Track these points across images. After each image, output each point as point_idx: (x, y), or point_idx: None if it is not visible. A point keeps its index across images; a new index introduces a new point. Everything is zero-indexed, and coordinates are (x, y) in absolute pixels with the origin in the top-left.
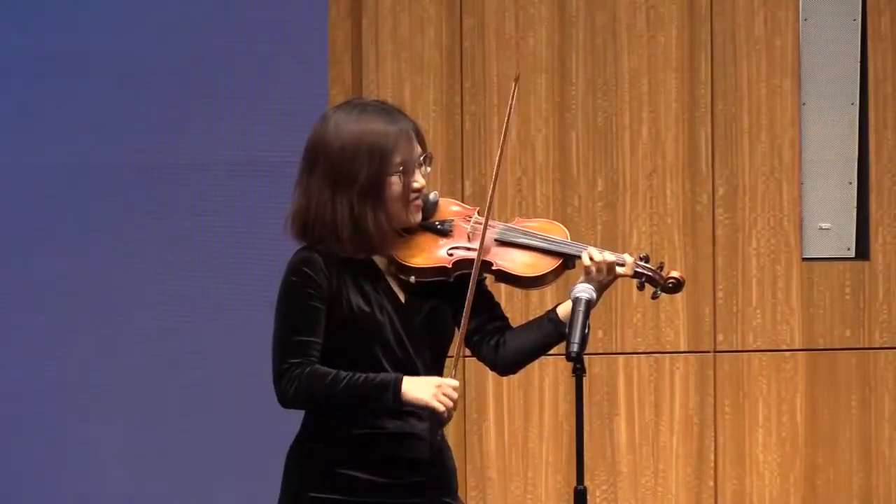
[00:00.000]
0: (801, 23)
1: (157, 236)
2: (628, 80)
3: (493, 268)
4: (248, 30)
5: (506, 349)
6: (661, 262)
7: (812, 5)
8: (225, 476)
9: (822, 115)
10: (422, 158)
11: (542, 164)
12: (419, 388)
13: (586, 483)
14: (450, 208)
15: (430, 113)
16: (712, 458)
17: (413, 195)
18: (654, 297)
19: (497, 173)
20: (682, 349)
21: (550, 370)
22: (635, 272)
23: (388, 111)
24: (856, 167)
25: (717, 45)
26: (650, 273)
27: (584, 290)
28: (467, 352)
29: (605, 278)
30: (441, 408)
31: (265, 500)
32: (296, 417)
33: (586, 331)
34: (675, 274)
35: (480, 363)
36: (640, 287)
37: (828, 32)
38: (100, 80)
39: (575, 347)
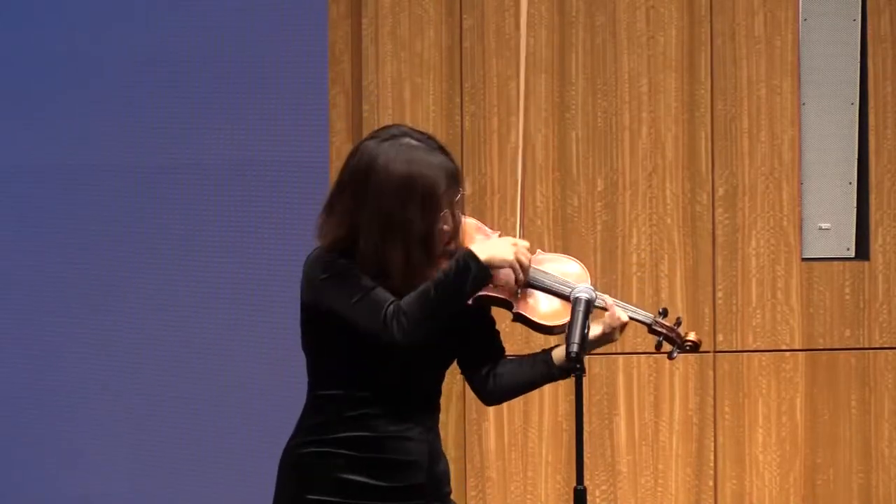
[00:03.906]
0: (801, 23)
1: (157, 236)
2: (628, 80)
3: (514, 310)
4: (248, 29)
5: (497, 382)
6: (679, 318)
7: (812, 5)
8: (225, 477)
9: (822, 115)
10: (460, 198)
11: (542, 164)
12: (498, 248)
13: (586, 483)
14: (471, 230)
15: (430, 113)
16: (712, 458)
17: (450, 236)
18: (671, 357)
19: (522, 214)
20: None
21: None
22: (654, 330)
23: (434, 149)
24: (856, 167)
25: (717, 45)
26: (667, 332)
27: (584, 291)
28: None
29: (615, 335)
30: (525, 260)
31: (263, 502)
32: (294, 417)
33: (586, 331)
34: (692, 337)
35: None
36: (658, 346)
37: (828, 32)
38: (99, 79)
39: (575, 347)
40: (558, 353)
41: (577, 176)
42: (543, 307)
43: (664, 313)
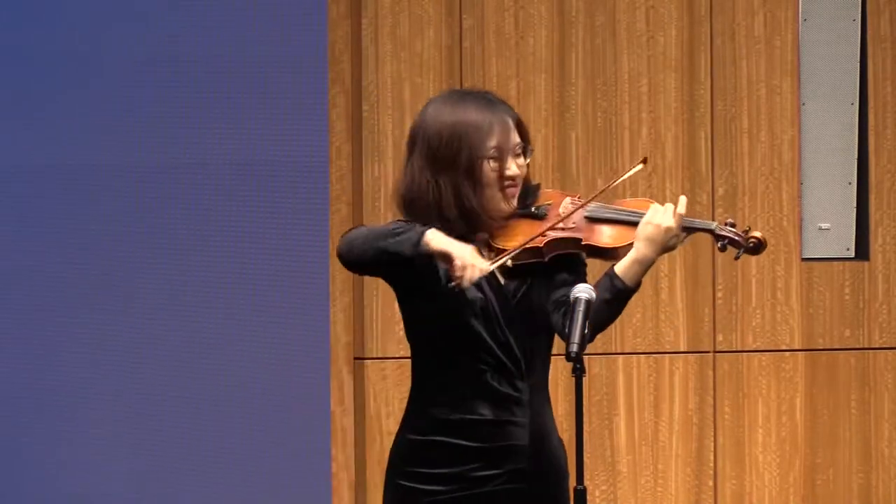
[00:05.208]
0: (800, 23)
1: (157, 236)
2: (628, 80)
3: (583, 243)
4: (248, 29)
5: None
6: (748, 227)
7: (812, 5)
8: (225, 477)
9: (822, 115)
10: (519, 148)
11: (542, 164)
12: (453, 242)
13: (586, 483)
14: (549, 194)
15: None
16: (712, 458)
17: (507, 182)
18: (737, 257)
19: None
20: (681, 349)
21: (550, 370)
22: (718, 235)
23: (487, 100)
24: (855, 167)
25: (717, 45)
26: (732, 236)
27: (584, 291)
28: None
29: (663, 238)
30: (464, 266)
31: (263, 502)
32: (294, 417)
33: (586, 331)
34: (756, 234)
35: None
36: (722, 249)
37: (828, 32)
38: (99, 79)
39: (574, 347)
40: (621, 266)
41: (577, 176)
42: (607, 233)
43: (732, 224)
